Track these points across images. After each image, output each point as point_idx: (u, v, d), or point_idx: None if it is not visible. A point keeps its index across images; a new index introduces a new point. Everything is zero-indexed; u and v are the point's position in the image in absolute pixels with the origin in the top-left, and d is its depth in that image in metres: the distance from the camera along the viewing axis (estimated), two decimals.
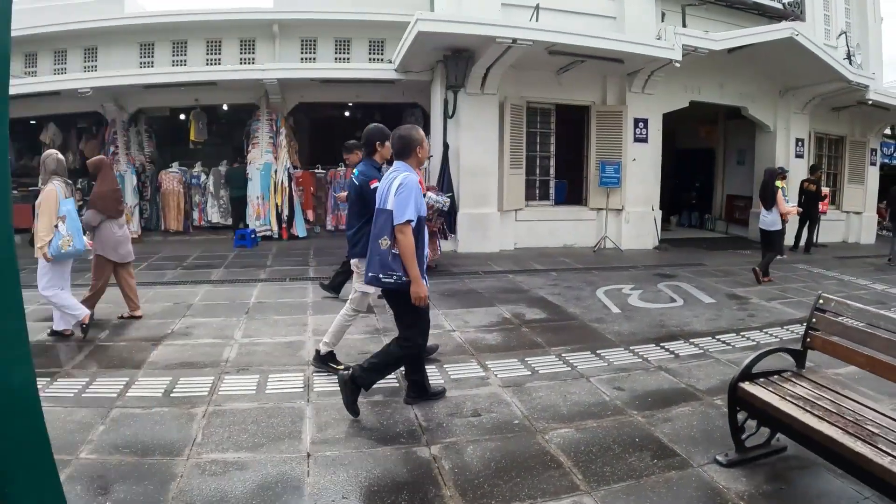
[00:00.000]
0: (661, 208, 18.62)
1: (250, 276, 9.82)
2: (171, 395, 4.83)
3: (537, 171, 13.41)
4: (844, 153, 17.11)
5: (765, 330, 7.13)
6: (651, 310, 8.06)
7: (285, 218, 14.12)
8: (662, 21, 13.65)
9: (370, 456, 3.87)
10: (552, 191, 13.52)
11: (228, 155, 15.15)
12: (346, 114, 16.26)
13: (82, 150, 14.98)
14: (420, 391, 4.73)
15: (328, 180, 14.77)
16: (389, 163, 4.82)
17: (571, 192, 13.71)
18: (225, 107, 15.03)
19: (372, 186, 4.93)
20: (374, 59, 15.24)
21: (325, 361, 5.33)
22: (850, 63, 15.27)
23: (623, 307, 8.15)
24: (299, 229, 14.28)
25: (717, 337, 6.77)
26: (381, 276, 4.20)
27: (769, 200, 10.28)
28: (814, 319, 4.06)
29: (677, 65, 11.84)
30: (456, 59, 11.65)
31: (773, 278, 10.41)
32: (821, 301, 4.06)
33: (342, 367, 5.06)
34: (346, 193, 6.51)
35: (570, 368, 5.58)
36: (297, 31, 15.51)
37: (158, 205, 14.72)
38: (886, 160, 18.39)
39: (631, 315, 7.72)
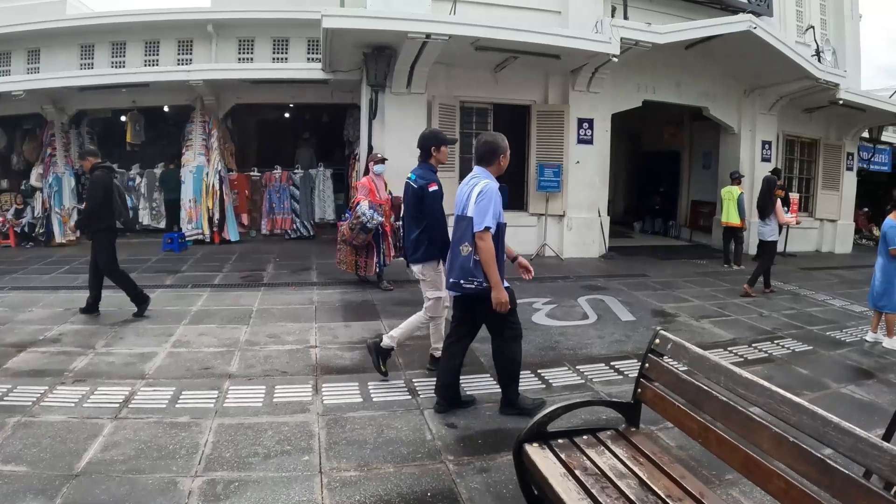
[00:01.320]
0: (626, 213, 17.87)
1: (157, 281, 9.32)
2: None
3: None
4: (818, 157, 16.15)
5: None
6: (552, 328, 7.34)
7: (216, 222, 13.40)
8: (613, 17, 12.75)
9: None
10: None
11: (168, 157, 14.62)
12: (286, 115, 15.52)
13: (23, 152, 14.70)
14: (453, 399, 4.71)
15: (263, 183, 14.12)
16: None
17: (512, 196, 12.79)
18: (166, 108, 14.47)
19: (431, 190, 4.99)
20: (312, 59, 14.50)
21: (379, 353, 5.22)
22: (820, 60, 14.31)
23: (523, 325, 7.26)
24: (231, 233, 13.65)
25: (612, 363, 6.01)
26: (462, 281, 4.24)
27: (767, 210, 9.92)
28: (647, 364, 3.21)
29: (615, 59, 10.99)
30: (377, 57, 10.94)
31: (754, 291, 9.96)
32: (657, 341, 3.19)
33: (384, 371, 5.25)
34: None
35: (410, 397, 4.97)
36: (234, 32, 14.94)
37: None
38: (864, 165, 17.32)
39: (525, 334, 6.65)
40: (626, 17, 12.07)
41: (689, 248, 15.31)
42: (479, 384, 5.30)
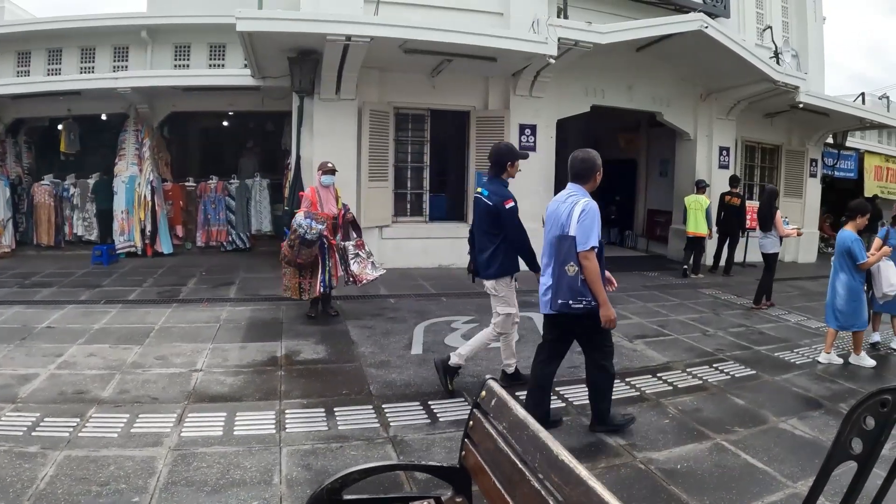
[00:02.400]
0: None
1: (72, 297, 8.86)
2: None
3: (408, 184, 11.97)
4: (780, 164, 15.64)
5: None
6: None
7: (149, 234, 12.81)
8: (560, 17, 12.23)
9: None
10: (426, 205, 12.07)
11: (105, 167, 13.94)
12: (226, 123, 14.94)
13: None
14: (543, 419, 4.26)
15: (199, 194, 13.52)
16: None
17: (452, 206, 12.28)
18: (104, 117, 13.86)
19: (508, 207, 5.05)
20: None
21: (446, 372, 5.31)
22: (779, 62, 13.81)
23: (431, 346, 6.89)
24: (164, 245, 13.07)
25: (517, 393, 5.29)
26: (570, 302, 4.23)
27: (768, 222, 9.71)
28: (471, 422, 2.57)
29: (552, 61, 10.43)
30: (302, 62, 10.39)
31: (773, 302, 9.91)
32: (483, 393, 2.55)
33: (451, 389, 5.32)
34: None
35: (274, 431, 4.52)
36: (169, 37, 14.45)
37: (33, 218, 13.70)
38: (828, 171, 16.82)
39: (430, 359, 6.27)
40: (565, 16, 11.49)
41: (644, 259, 14.78)
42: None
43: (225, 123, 15.01)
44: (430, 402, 5.15)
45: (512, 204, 5.08)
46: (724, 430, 4.76)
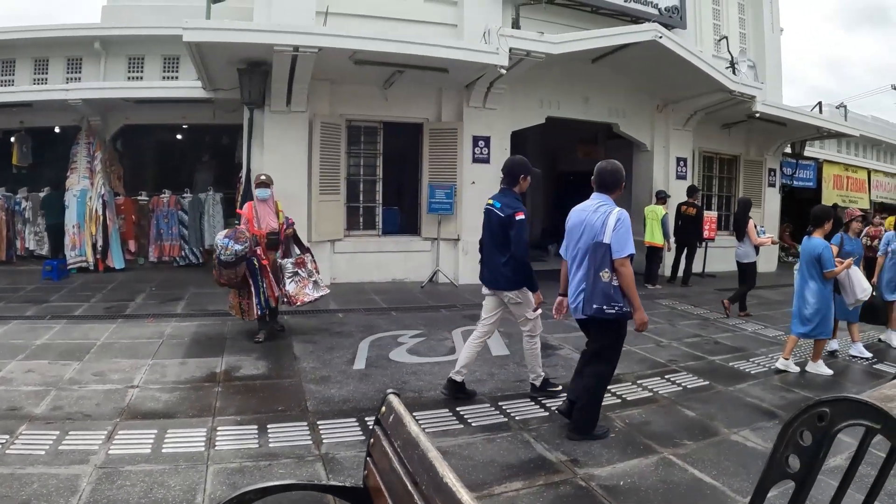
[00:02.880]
0: (543, 236, 17.29)
1: (18, 312, 8.68)
2: None
3: (361, 197, 11.85)
4: (738, 174, 15.72)
5: (539, 398, 5.65)
6: (407, 365, 6.65)
7: (101, 248, 12.57)
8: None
9: None
10: (379, 219, 11.94)
11: (58, 180, 13.68)
12: (181, 136, 14.75)
13: None
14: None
15: (151, 208, 13.28)
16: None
17: (405, 219, 12.18)
18: (57, 129, 13.66)
19: (518, 218, 5.16)
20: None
21: (543, 388, 5.56)
22: (735, 72, 13.88)
23: (374, 362, 6.75)
24: (116, 260, 12.81)
25: (458, 409, 5.28)
26: (604, 307, 4.37)
27: (741, 231, 9.90)
28: (372, 440, 2.37)
29: (503, 71, 10.39)
30: (251, 74, 10.28)
31: (749, 313, 9.97)
32: (383, 408, 2.35)
33: (559, 387, 5.60)
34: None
35: (203, 449, 4.38)
36: (123, 49, 14.13)
37: None
38: (787, 181, 16.95)
39: (372, 374, 6.30)
40: (517, 27, 11.48)
41: None
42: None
43: (179, 137, 14.82)
44: (366, 419, 5.00)
45: (522, 216, 5.20)
46: (673, 444, 4.66)
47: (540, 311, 5.49)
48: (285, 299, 7.34)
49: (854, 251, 7.76)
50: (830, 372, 6.72)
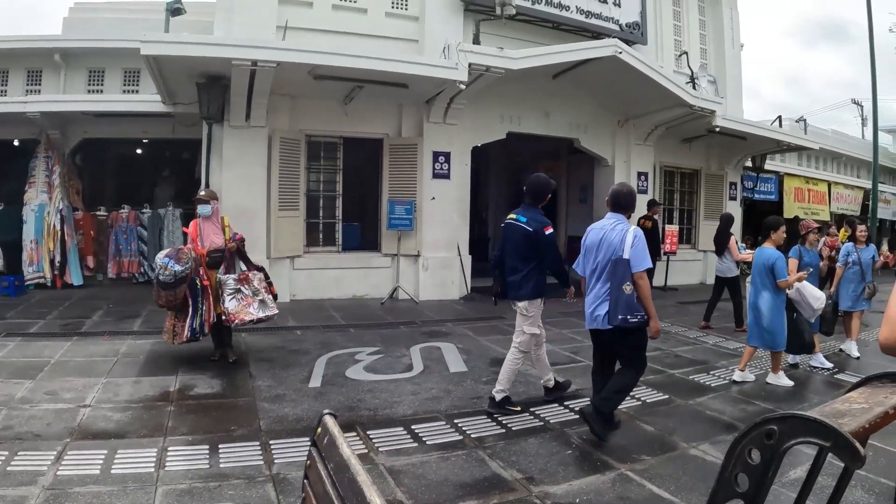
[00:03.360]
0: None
1: None
2: None
3: (321, 213, 11.81)
4: (699, 187, 15.92)
5: (496, 414, 5.62)
6: (364, 383, 6.54)
7: (58, 264, 12.36)
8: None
9: None
10: (339, 235, 11.92)
11: (17, 195, 13.45)
12: (141, 151, 14.62)
13: None
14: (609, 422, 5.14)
15: (110, 223, 13.08)
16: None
17: (365, 236, 12.14)
18: (16, 142, 13.39)
19: (548, 233, 5.54)
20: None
21: (502, 406, 5.57)
22: (695, 87, 14.06)
23: (330, 379, 6.67)
24: (74, 277, 12.57)
25: (413, 426, 5.21)
26: (629, 317, 4.75)
27: (722, 247, 9.98)
28: (308, 462, 2.33)
29: (462, 87, 10.40)
30: (210, 88, 10.22)
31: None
32: (319, 430, 2.17)
33: (518, 408, 5.63)
34: None
35: (153, 470, 4.27)
36: (83, 62, 14.02)
37: None
38: (748, 194, 17.18)
39: (327, 391, 6.23)
40: (478, 42, 11.53)
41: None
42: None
43: (139, 151, 14.68)
44: None
45: (551, 230, 5.60)
46: (631, 460, 4.62)
47: (539, 331, 5.81)
48: (223, 318, 6.89)
49: (812, 262, 7.89)
50: (791, 383, 6.77)
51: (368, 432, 5.05)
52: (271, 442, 4.83)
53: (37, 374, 6.45)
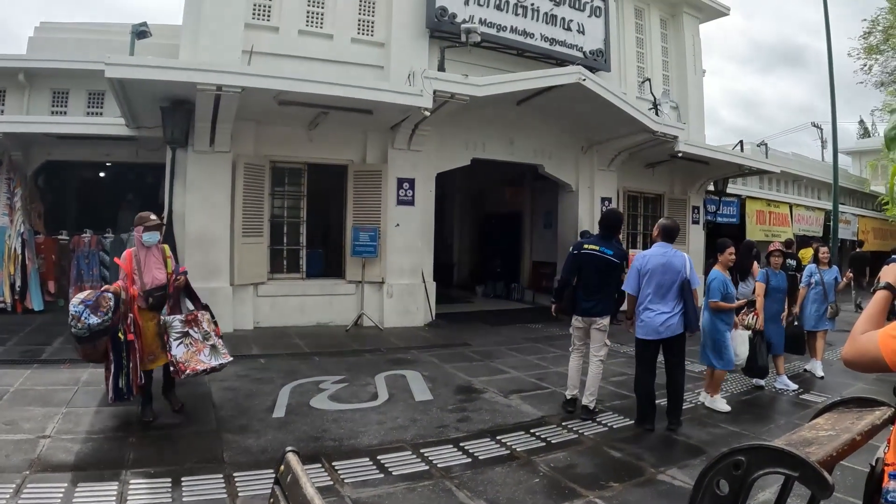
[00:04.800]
0: (471, 277, 17.46)
1: None
2: None
3: (285, 240, 11.77)
4: (663, 212, 16.13)
5: (462, 443, 5.59)
6: (328, 413, 6.49)
7: (18, 289, 12.15)
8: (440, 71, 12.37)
9: None
10: (303, 261, 11.87)
11: None
12: (104, 174, 14.48)
13: None
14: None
15: (72, 248, 12.89)
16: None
17: (329, 262, 12.12)
18: None
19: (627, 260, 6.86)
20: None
21: (594, 412, 6.47)
22: (657, 113, 14.30)
23: (294, 409, 6.60)
24: (35, 302, 12.34)
25: (379, 457, 5.18)
26: (699, 322, 6.32)
27: (745, 272, 9.50)
28: (271, 500, 2.31)
29: (427, 113, 10.46)
30: (174, 112, 10.18)
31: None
32: (282, 468, 2.25)
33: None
34: None
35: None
36: (47, 82, 13.91)
37: None
38: (711, 218, 17.46)
39: (292, 421, 6.18)
40: (442, 69, 11.64)
41: (530, 310, 14.89)
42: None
43: (102, 175, 14.54)
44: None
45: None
46: (598, 487, 4.65)
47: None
48: (171, 367, 5.95)
49: (780, 285, 8.07)
50: (728, 408, 6.80)
51: (333, 463, 5.03)
52: (235, 474, 4.78)
53: None
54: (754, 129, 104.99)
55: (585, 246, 6.50)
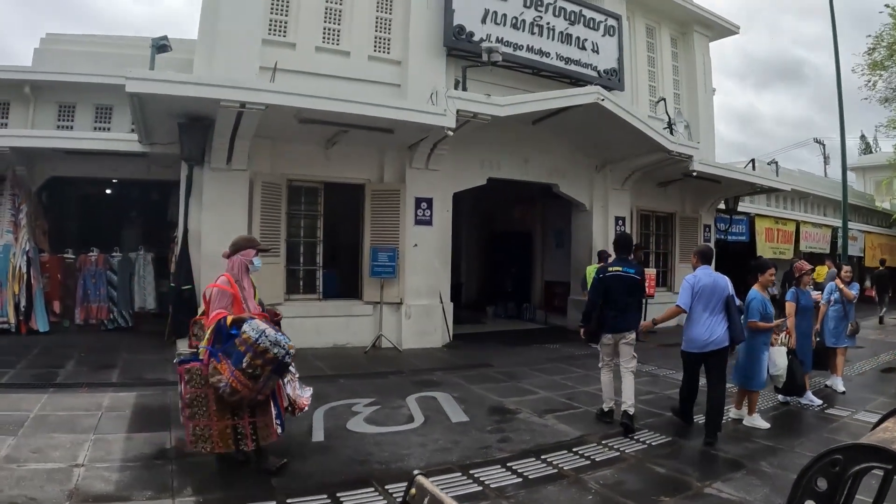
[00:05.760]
0: (480, 297, 17.29)
1: None
2: None
3: (301, 260, 11.55)
4: (675, 231, 16.08)
5: (509, 463, 5.51)
6: (368, 436, 6.33)
7: (23, 309, 11.80)
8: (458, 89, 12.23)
9: None
10: (320, 282, 11.65)
11: None
12: (110, 191, 14.22)
13: None
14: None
15: (78, 267, 12.57)
16: None
17: (346, 283, 11.90)
18: None
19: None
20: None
21: (629, 421, 6.61)
22: (672, 132, 14.23)
23: (333, 433, 6.41)
24: (40, 322, 11.95)
25: (431, 479, 4.91)
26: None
27: None
28: None
29: (450, 133, 10.37)
30: (192, 129, 9.93)
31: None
32: (412, 490, 2.23)
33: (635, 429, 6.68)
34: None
35: None
36: (54, 96, 13.63)
37: None
38: (722, 236, 17.42)
39: (334, 445, 5.98)
40: (464, 89, 11.52)
41: (544, 331, 14.75)
42: None
43: (108, 191, 14.23)
44: (338, 494, 4.74)
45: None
46: (650, 502, 4.68)
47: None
48: (291, 407, 5.48)
49: (809, 304, 8.11)
50: (767, 425, 6.87)
51: (387, 486, 4.90)
52: (288, 501, 4.62)
53: (17, 430, 6.02)
54: (752, 144, 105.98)
55: (610, 269, 7.03)
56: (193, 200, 10.45)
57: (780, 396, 7.86)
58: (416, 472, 2.15)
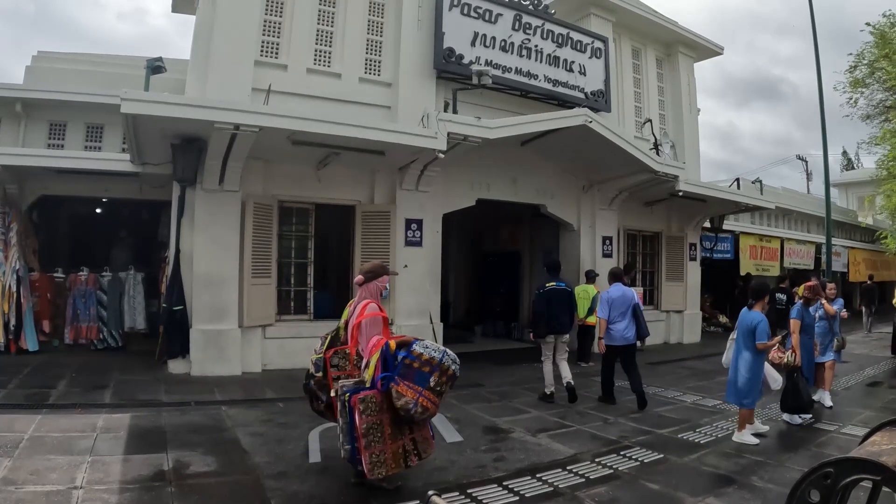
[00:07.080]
0: (468, 317, 17.36)
1: None
2: None
3: (292, 281, 11.60)
4: (661, 249, 16.28)
5: (505, 482, 5.60)
6: None
7: (13, 328, 11.76)
8: (448, 111, 12.38)
9: None
10: (311, 303, 11.70)
11: None
12: (100, 210, 14.23)
13: None
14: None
15: (68, 286, 12.54)
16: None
17: (337, 304, 11.88)
18: None
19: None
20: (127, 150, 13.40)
21: (573, 392, 9.09)
22: (658, 153, 14.45)
23: (330, 454, 6.40)
24: (29, 342, 11.89)
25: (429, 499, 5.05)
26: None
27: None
28: None
29: (441, 155, 10.50)
30: (184, 149, 10.00)
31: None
32: None
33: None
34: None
35: None
36: (45, 114, 13.66)
37: None
38: (707, 254, 17.64)
39: (332, 466, 5.98)
40: (454, 111, 11.68)
41: (533, 350, 14.55)
42: None
43: (98, 210, 14.22)
44: None
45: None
46: None
47: None
48: None
49: (812, 322, 8.41)
50: (757, 441, 6.94)
51: None
52: None
53: (13, 451, 6.03)
54: (734, 161, 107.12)
55: (547, 285, 9.29)
56: (185, 221, 10.51)
57: (785, 416, 7.88)
58: (430, 492, 2.27)
